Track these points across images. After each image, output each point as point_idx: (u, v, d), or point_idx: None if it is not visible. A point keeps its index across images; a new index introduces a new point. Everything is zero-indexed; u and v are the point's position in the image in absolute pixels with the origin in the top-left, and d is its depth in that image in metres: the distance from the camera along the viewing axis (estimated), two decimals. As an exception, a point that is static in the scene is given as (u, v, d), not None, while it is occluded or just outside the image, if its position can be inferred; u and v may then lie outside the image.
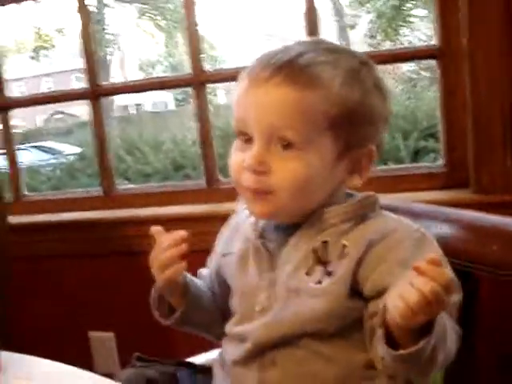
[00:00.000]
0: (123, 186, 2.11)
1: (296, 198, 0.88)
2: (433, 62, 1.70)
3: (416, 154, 3.12)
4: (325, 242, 0.89)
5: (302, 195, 0.88)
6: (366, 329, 0.86)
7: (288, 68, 0.87)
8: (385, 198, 0.96)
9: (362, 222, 0.90)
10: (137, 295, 1.89)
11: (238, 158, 0.91)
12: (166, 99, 12.35)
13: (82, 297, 1.97)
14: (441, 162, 1.69)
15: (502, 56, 1.48)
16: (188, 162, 3.55)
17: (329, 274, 0.87)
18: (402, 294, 0.72)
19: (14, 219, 1.92)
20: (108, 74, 10.71)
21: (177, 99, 11.76)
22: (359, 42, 9.59)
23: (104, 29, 10.64)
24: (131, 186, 2.46)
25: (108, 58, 10.93)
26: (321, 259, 0.88)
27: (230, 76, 1.97)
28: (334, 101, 0.87)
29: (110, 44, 11.24)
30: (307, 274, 0.88)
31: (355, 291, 0.86)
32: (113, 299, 1.94)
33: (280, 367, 0.90)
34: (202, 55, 1.87)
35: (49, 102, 2.26)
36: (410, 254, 0.84)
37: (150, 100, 12.58)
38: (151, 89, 2.18)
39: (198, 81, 1.85)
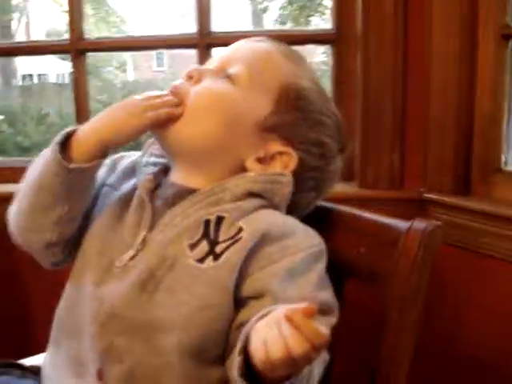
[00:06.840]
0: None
1: (200, 120, 0.82)
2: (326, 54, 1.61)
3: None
4: (220, 218, 0.77)
5: (207, 121, 0.82)
6: (229, 339, 0.74)
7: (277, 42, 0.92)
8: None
9: (265, 207, 0.79)
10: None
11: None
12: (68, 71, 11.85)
13: None
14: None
15: (395, 48, 1.42)
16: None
17: (214, 255, 0.74)
18: (267, 341, 0.59)
19: None
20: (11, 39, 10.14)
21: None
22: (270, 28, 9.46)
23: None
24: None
25: (13, 23, 10.29)
26: (210, 235, 0.76)
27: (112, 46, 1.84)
28: (299, 77, 0.88)
29: (16, 9, 10.53)
30: (191, 246, 0.76)
31: (236, 287, 0.74)
32: None
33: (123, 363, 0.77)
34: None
35: None
36: (301, 267, 0.76)
37: (54, 71, 12.01)
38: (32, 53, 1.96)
39: (76, 48, 1.65)
